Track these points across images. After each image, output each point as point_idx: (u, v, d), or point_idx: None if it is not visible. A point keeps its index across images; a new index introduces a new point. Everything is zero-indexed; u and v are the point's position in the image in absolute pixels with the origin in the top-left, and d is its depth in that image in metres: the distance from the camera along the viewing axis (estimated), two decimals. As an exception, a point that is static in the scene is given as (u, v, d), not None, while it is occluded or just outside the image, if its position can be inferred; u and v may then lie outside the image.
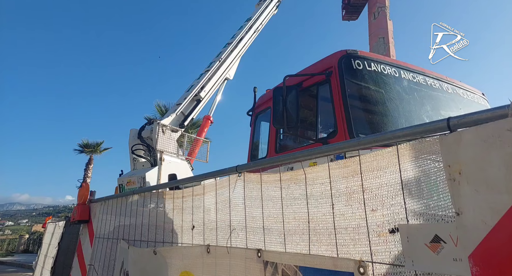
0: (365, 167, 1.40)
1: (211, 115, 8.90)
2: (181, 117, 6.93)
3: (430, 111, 3.36)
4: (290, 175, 1.74)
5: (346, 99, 3.23)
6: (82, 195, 3.82)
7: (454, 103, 3.58)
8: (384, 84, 3.40)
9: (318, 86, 3.68)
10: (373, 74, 3.46)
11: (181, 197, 2.09)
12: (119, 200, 2.89)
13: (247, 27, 9.81)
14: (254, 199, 1.77)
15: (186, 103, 7.21)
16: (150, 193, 2.41)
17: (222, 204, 1.86)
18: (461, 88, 3.77)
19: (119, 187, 5.57)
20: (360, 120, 3.24)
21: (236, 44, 9.23)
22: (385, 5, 16.72)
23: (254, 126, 4.92)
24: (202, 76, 8.08)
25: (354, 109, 3.19)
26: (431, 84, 3.58)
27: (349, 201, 1.41)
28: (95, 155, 24.50)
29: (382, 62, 3.57)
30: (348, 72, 3.42)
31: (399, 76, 3.52)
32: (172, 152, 6.12)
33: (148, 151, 6.07)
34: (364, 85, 3.44)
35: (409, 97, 3.40)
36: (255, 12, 10.59)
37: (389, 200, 1.26)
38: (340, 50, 3.62)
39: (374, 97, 3.36)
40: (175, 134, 6.40)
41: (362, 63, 3.49)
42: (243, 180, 1.86)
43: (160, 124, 6.12)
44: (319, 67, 3.74)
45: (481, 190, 0.95)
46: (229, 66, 8.88)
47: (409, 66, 3.69)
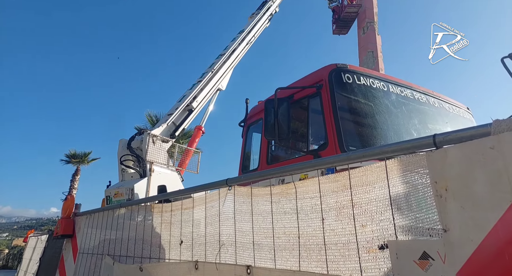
0: (354, 182, 1.41)
1: (203, 126, 8.88)
2: (172, 128, 6.89)
3: (417, 125, 3.43)
4: (280, 188, 1.73)
5: (336, 111, 3.27)
6: (67, 208, 3.71)
7: (441, 117, 3.66)
8: (373, 98, 3.47)
9: (309, 99, 3.73)
10: (362, 87, 3.53)
11: (169, 210, 2.06)
12: (105, 213, 2.81)
13: (240, 39, 9.94)
14: (244, 213, 1.75)
15: (177, 113, 7.18)
16: (138, 206, 2.36)
17: (212, 218, 1.84)
18: (446, 102, 3.87)
19: (106, 198, 5.43)
20: (350, 133, 3.27)
21: (228, 55, 9.31)
22: (374, 20, 17.21)
23: (245, 138, 4.92)
24: (195, 86, 8.10)
25: (344, 122, 3.23)
26: (418, 99, 3.66)
27: (339, 216, 1.41)
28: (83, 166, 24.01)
29: (371, 76, 3.65)
30: (338, 86, 3.47)
31: (388, 90, 3.60)
32: (162, 163, 6.04)
33: (137, 161, 5.97)
34: (353, 99, 3.49)
35: (398, 111, 3.47)
36: (248, 24, 10.75)
37: (378, 215, 1.27)
38: (330, 64, 3.68)
39: (363, 110, 3.41)
40: (165, 145, 6.34)
41: (351, 77, 3.55)
42: (233, 194, 1.85)
43: (150, 134, 6.06)
44: (310, 80, 3.80)
45: (467, 206, 0.97)
46: (221, 77, 8.93)
47: (397, 80, 3.78)
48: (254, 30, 10.60)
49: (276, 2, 12.41)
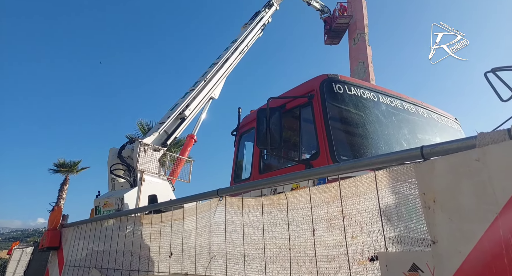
0: (345, 192, 1.42)
1: (195, 134, 8.83)
2: (164, 136, 6.83)
3: (407, 135, 3.47)
4: (271, 199, 1.72)
5: (327, 121, 3.30)
6: (54, 219, 3.60)
7: (430, 127, 3.72)
8: (364, 108, 3.51)
9: (300, 109, 3.75)
10: (353, 98, 3.57)
11: (159, 221, 2.02)
12: (94, 224, 2.75)
13: (233, 48, 10.02)
14: (235, 224, 1.74)
15: (169, 122, 7.14)
16: (127, 217, 2.31)
17: (202, 230, 1.82)
18: (435, 113, 3.94)
19: (95, 209, 5.31)
20: (341, 142, 3.30)
21: (222, 64, 9.36)
22: (364, 32, 17.60)
23: (238, 146, 4.91)
24: (187, 95, 8.09)
25: (336, 132, 3.25)
26: (407, 109, 3.72)
27: (329, 227, 1.41)
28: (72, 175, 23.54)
29: (361, 86, 3.70)
30: (329, 96, 3.51)
31: (378, 100, 3.65)
32: (153, 172, 5.96)
33: (128, 170, 5.88)
34: (344, 108, 3.53)
35: (388, 121, 3.52)
36: (241, 34, 10.87)
37: (368, 226, 1.27)
38: (321, 75, 3.72)
39: (354, 120, 3.45)
40: (157, 154, 6.27)
41: (342, 87, 3.60)
42: (224, 204, 1.83)
43: (142, 143, 5.99)
44: (301, 90, 3.83)
45: (454, 218, 0.98)
46: (214, 86, 8.95)
47: (387, 91, 3.84)
48: (247, 39, 10.72)
49: (268, 12, 12.60)
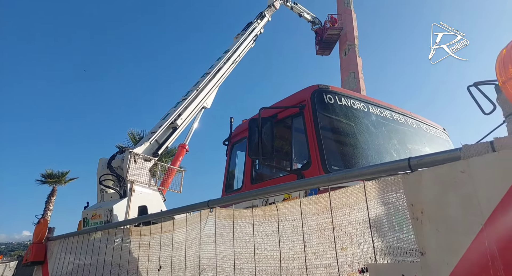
0: (335, 203, 1.42)
1: (187, 144, 8.79)
2: (155, 146, 6.78)
3: (397, 145, 3.52)
4: (262, 210, 1.72)
5: (318, 131, 3.32)
6: (39, 232, 3.49)
7: (419, 137, 3.78)
8: (354, 118, 3.55)
9: (292, 119, 3.77)
10: (343, 108, 3.62)
11: (148, 233, 1.99)
12: (81, 237, 2.67)
13: (225, 59, 10.11)
14: (226, 236, 1.72)
15: (161, 131, 7.10)
16: (115, 229, 2.26)
17: (192, 242, 1.79)
18: (424, 123, 4.02)
19: (83, 220, 5.19)
20: (332, 152, 3.32)
21: (214, 74, 9.42)
22: (354, 43, 17.99)
23: (230, 156, 4.89)
24: (179, 104, 8.08)
25: (327, 142, 3.28)
26: (397, 119, 3.78)
27: (320, 238, 1.40)
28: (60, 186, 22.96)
29: (351, 97, 3.75)
30: (320, 106, 3.54)
31: (368, 110, 3.70)
32: (143, 182, 5.88)
33: (117, 181, 5.78)
34: (335, 119, 3.57)
35: (378, 131, 3.56)
36: (233, 44, 10.98)
37: (358, 238, 1.27)
38: (312, 85, 3.77)
39: (345, 130, 3.48)
40: (148, 164, 6.21)
41: (333, 98, 3.64)
42: (215, 216, 1.81)
43: (132, 153, 5.92)
44: (293, 100, 3.86)
45: (441, 229, 0.99)
46: (206, 95, 8.98)
47: (376, 101, 3.90)
48: (239, 50, 10.83)
49: (261, 23, 12.80)
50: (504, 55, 0.83)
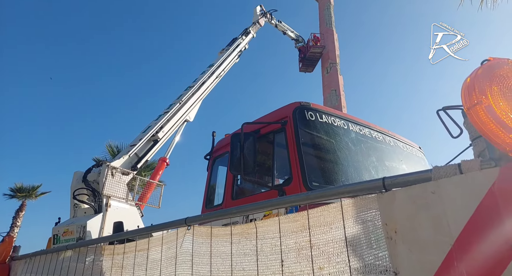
0: (313, 222, 1.43)
1: (168, 157, 8.64)
2: (134, 159, 6.61)
3: (375, 162, 3.61)
4: (241, 228, 1.69)
5: (300, 147, 3.36)
6: (2, 251, 3.25)
7: (396, 155, 3.90)
8: (334, 135, 3.63)
9: (274, 134, 3.80)
10: (324, 125, 3.69)
11: (122, 252, 1.91)
12: (49, 256, 2.51)
13: (210, 73, 10.17)
14: (203, 255, 1.68)
15: (141, 144, 6.95)
16: (87, 247, 2.16)
17: (168, 261, 1.73)
18: (401, 141, 4.16)
19: (53, 237, 4.91)
20: (313, 169, 3.35)
21: (198, 87, 9.43)
22: (336, 62, 18.63)
23: (211, 171, 4.84)
24: (161, 117, 7.99)
25: (308, 158, 3.31)
26: (375, 137, 3.89)
27: (297, 257, 1.40)
28: (30, 200, 21.70)
29: (332, 114, 3.84)
30: (302, 122, 3.60)
31: (348, 128, 3.79)
32: (120, 197, 5.67)
33: (93, 195, 5.55)
34: (316, 135, 3.63)
35: (357, 148, 3.65)
36: (218, 59, 11.10)
37: (335, 257, 1.28)
38: (294, 102, 3.84)
39: (325, 147, 3.54)
40: (126, 178, 6.02)
41: (314, 115, 3.71)
42: (192, 234, 1.77)
43: (110, 166, 5.74)
44: (275, 116, 3.91)
45: (414, 249, 1.01)
46: (189, 109, 8.94)
47: (356, 119, 4.01)
48: (224, 65, 10.95)
49: (245, 39, 13.06)
50: (468, 83, 0.88)
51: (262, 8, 15.49)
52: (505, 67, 0.88)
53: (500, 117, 0.82)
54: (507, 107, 0.83)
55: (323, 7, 20.91)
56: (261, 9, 15.39)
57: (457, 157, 1.46)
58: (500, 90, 0.85)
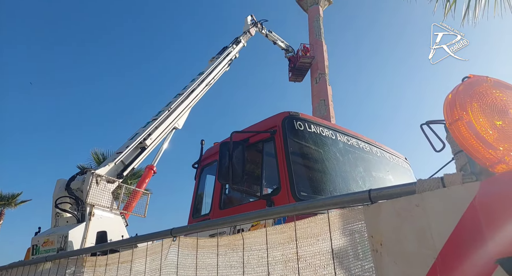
0: (300, 234, 1.42)
1: (155, 165, 8.51)
2: (121, 167, 6.48)
3: (363, 173, 3.65)
4: (228, 239, 1.67)
5: (288, 157, 3.37)
6: (-21, 261, 3.08)
7: (382, 166, 3.96)
8: (323, 145, 3.66)
9: (263, 143, 3.81)
10: (313, 135, 3.72)
11: (104, 264, 1.85)
12: (26, 268, 2.39)
13: (199, 80, 10.17)
14: (188, 267, 1.64)
15: (128, 151, 6.83)
16: (67, 259, 2.08)
17: (152, 273, 1.69)
18: (387, 152, 4.22)
19: (32, 248, 4.71)
20: (301, 179, 3.36)
21: (187, 95, 9.41)
22: (325, 72, 18.96)
23: (199, 180, 4.79)
24: (149, 124, 7.90)
25: (296, 168, 3.32)
26: (363, 147, 3.95)
27: (284, 270, 1.39)
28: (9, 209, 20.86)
29: (320, 124, 3.88)
30: (291, 132, 3.62)
31: (336, 138, 3.84)
32: (105, 206, 5.52)
33: (76, 204, 5.38)
34: (305, 145, 3.65)
35: (345, 159, 3.68)
36: (208, 67, 11.13)
37: (321, 270, 1.27)
38: (283, 112, 3.86)
39: (314, 157, 3.57)
40: (111, 186, 5.88)
41: (303, 125, 3.74)
42: (178, 245, 1.74)
43: (94, 174, 5.60)
44: (265, 125, 3.92)
45: (399, 262, 1.01)
46: (178, 116, 8.89)
47: (343, 129, 4.07)
48: (214, 73, 10.98)
49: (236, 48, 13.16)
50: (450, 99, 0.91)
51: (253, 18, 15.71)
52: (484, 84, 0.92)
53: (480, 133, 0.84)
54: (487, 123, 0.85)
55: (313, 19, 21.36)
56: (252, 19, 15.60)
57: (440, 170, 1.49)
58: (480, 107, 0.88)
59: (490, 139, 0.83)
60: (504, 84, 0.93)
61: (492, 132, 0.84)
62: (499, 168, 0.82)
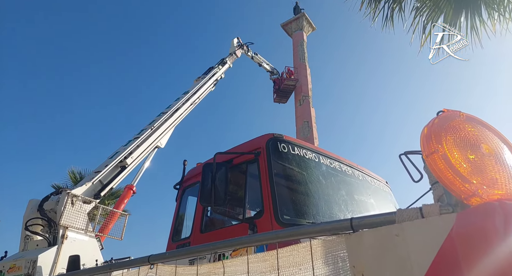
0: (282, 262, 1.40)
1: (135, 185, 8.26)
2: (98, 187, 6.23)
3: (345, 196, 3.67)
4: (208, 268, 1.62)
5: (272, 179, 3.36)
6: None
7: (364, 189, 4.01)
8: (306, 168, 3.68)
9: (247, 165, 3.80)
10: (296, 157, 3.75)
11: (75, 295, 1.73)
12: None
13: (184, 99, 10.17)
14: (165, 298, 1.57)
15: (107, 170, 6.61)
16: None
17: (126, 305, 1.59)
18: (368, 176, 4.30)
19: (-4, 275, 4.37)
20: (285, 201, 3.34)
21: (171, 114, 9.35)
22: (309, 95, 19.48)
23: (180, 201, 4.67)
24: (131, 143, 7.74)
25: (280, 190, 3.31)
26: (345, 171, 4.00)
27: (265, 301, 1.34)
28: (-28, 231, 19.46)
29: (304, 147, 3.93)
30: (275, 154, 3.64)
31: (319, 161, 3.88)
32: (79, 228, 5.23)
33: (48, 226, 5.08)
34: (289, 167, 3.67)
35: (328, 182, 3.71)
36: (193, 86, 11.18)
37: (303, 301, 1.24)
38: (268, 133, 3.90)
39: (298, 180, 3.58)
40: (87, 206, 5.62)
41: (287, 147, 3.78)
42: (155, 273, 1.66)
43: (70, 194, 5.34)
44: (249, 146, 3.93)
45: (380, 294, 1.01)
46: (161, 135, 8.78)
47: (326, 152, 4.13)
48: (199, 92, 11.03)
49: (222, 69, 13.36)
50: (426, 132, 0.95)
51: (239, 40, 16.12)
52: (457, 119, 0.97)
53: (455, 166, 0.88)
54: (461, 157, 0.89)
55: (297, 44, 22.16)
56: (238, 41, 16.00)
57: (419, 199, 1.53)
58: (454, 141, 0.92)
59: (464, 172, 0.87)
60: (476, 120, 0.98)
61: (466, 165, 0.88)
62: (473, 201, 0.85)
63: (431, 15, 5.20)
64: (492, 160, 0.92)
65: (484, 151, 0.94)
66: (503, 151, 0.94)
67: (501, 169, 0.89)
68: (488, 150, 0.94)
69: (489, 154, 0.92)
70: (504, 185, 0.86)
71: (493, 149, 0.95)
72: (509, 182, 0.87)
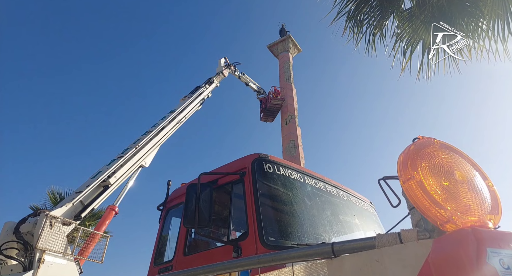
0: (265, 289, 1.37)
1: (117, 205, 8.00)
2: (79, 208, 5.99)
3: (330, 216, 3.67)
4: (189, 295, 1.57)
5: (257, 200, 3.34)
6: None
7: (349, 209, 4.03)
8: (291, 188, 3.68)
9: (232, 185, 3.77)
10: (282, 178, 3.75)
11: None
12: None
13: (170, 118, 10.12)
14: None
15: (89, 191, 6.39)
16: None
17: None
18: (353, 196, 4.33)
19: (-35, 304, 4.05)
20: (270, 223, 3.31)
21: (156, 133, 9.26)
22: (294, 114, 19.79)
23: (163, 223, 4.55)
24: (114, 162, 7.57)
25: (265, 211, 3.29)
26: (330, 191, 4.02)
27: None
28: None
29: (289, 167, 3.94)
30: (260, 174, 3.63)
31: (304, 181, 3.89)
32: (57, 251, 4.97)
33: (24, 249, 4.80)
34: (274, 187, 3.66)
35: (313, 202, 3.71)
36: (179, 105, 11.17)
37: None
38: (253, 154, 3.90)
39: (283, 200, 3.56)
40: (66, 228, 5.36)
41: (272, 167, 3.78)
42: (133, 302, 1.59)
43: (49, 216, 5.11)
44: (234, 167, 3.91)
45: (362, 322, 1.00)
46: (146, 154, 8.64)
47: (311, 173, 4.15)
48: (185, 111, 11.02)
49: (209, 88, 13.46)
50: (402, 159, 0.99)
51: (226, 60, 16.39)
52: (431, 146, 1.01)
53: (430, 193, 0.91)
54: (435, 183, 0.93)
55: (283, 65, 22.74)
56: (225, 61, 16.27)
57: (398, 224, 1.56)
58: (428, 168, 0.96)
59: (439, 198, 0.90)
60: (449, 147, 1.03)
61: (441, 192, 0.91)
62: (448, 227, 0.88)
63: (410, 41, 5.49)
64: (465, 186, 0.96)
65: (458, 177, 0.98)
66: (475, 177, 0.98)
67: (474, 196, 0.92)
68: (461, 176, 0.98)
69: (462, 181, 0.96)
70: (477, 212, 0.89)
71: (466, 175, 0.99)
72: (481, 208, 0.90)
